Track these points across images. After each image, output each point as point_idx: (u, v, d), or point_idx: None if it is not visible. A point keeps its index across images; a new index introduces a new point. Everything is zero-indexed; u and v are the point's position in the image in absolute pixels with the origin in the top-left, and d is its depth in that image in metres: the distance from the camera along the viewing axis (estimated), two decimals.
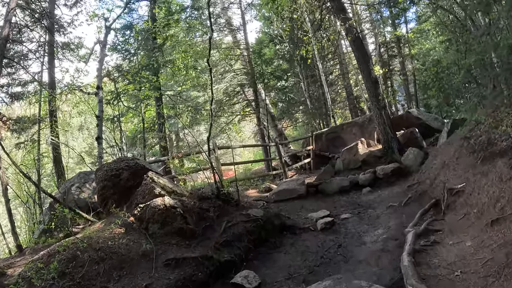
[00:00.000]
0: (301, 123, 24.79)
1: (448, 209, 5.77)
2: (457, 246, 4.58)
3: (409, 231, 5.23)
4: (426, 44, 25.30)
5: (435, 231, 5.22)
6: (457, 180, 6.06)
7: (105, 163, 9.21)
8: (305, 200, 10.12)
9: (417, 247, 4.79)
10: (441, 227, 5.31)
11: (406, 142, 12.95)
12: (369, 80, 12.84)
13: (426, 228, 5.27)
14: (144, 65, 13.70)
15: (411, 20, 24.99)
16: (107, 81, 14.71)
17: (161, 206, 6.70)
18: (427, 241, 4.93)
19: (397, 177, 10.11)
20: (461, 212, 5.38)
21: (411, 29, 23.72)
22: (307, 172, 15.01)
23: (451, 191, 5.89)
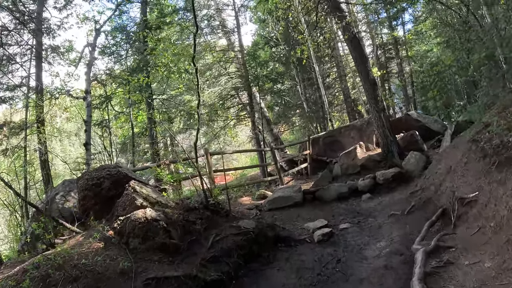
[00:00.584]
0: (298, 127, 24.13)
1: (459, 221, 5.10)
2: (475, 268, 3.90)
3: (417, 249, 4.55)
4: (423, 46, 24.83)
5: (447, 248, 4.53)
6: (468, 188, 5.38)
7: (86, 171, 8.52)
8: (302, 208, 9.45)
9: (428, 269, 4.12)
10: (453, 243, 4.62)
11: (406, 145, 12.29)
12: (367, 82, 12.19)
13: (436, 245, 4.57)
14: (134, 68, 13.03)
15: (408, 21, 24.45)
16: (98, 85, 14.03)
17: (142, 219, 6.03)
18: (439, 261, 4.25)
19: (398, 182, 9.44)
20: (474, 225, 4.70)
21: (409, 30, 23.19)
22: (304, 178, 14.32)
23: (462, 200, 5.20)
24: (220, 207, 7.12)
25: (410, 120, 14.92)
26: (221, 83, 16.45)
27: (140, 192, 6.75)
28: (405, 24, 23.31)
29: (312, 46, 14.40)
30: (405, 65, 22.99)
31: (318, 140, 15.23)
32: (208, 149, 10.62)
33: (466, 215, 5.02)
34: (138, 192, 6.74)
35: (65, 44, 14.80)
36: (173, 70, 14.71)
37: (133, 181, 7.03)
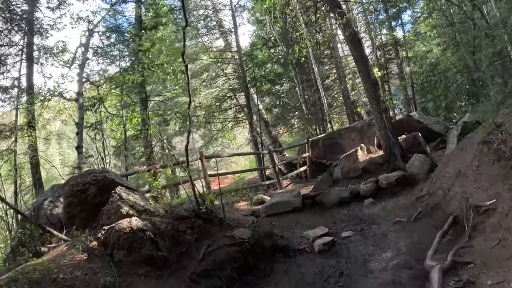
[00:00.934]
0: (297, 129, 23.57)
1: (475, 232, 4.56)
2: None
3: (432, 266, 4.00)
4: (423, 46, 24.38)
5: (465, 264, 3.98)
6: (483, 194, 4.85)
7: (72, 176, 7.98)
8: (301, 213, 8.90)
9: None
10: (471, 258, 4.08)
11: (409, 147, 11.77)
12: (368, 82, 11.68)
13: (453, 261, 4.02)
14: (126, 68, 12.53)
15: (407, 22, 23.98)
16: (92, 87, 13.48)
17: (127, 230, 5.50)
18: (458, 281, 3.69)
19: (402, 186, 8.90)
20: (494, 237, 4.18)
21: (408, 31, 22.72)
22: (303, 181, 13.78)
23: (478, 208, 4.67)
24: (213, 215, 6.58)
25: (412, 122, 14.42)
26: (218, 84, 15.93)
27: (126, 200, 6.21)
28: (404, 25, 22.87)
29: (311, 44, 13.78)
30: (405, 66, 22.49)
31: (318, 143, 14.69)
32: (204, 152, 10.08)
33: (482, 225, 4.49)
34: (125, 199, 6.21)
35: (58, 44, 14.26)
36: (168, 71, 14.23)
37: (120, 188, 6.49)
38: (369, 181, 9.43)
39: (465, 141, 7.27)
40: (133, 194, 6.63)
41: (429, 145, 12.89)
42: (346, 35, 11.47)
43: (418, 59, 22.87)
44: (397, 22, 22.06)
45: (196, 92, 15.18)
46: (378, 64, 21.72)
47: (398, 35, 22.33)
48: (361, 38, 21.83)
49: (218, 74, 16.38)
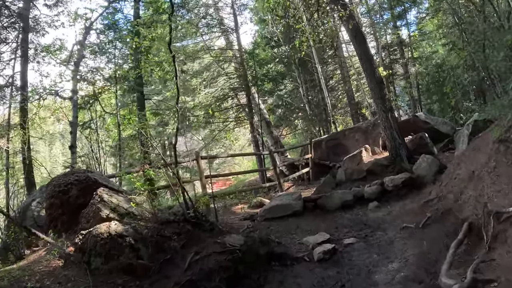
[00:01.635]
0: (300, 130, 22.90)
1: (495, 242, 3.92)
2: None
3: (449, 286, 3.34)
4: (428, 47, 23.69)
5: (487, 283, 3.31)
6: (504, 199, 4.22)
7: (55, 176, 7.43)
8: (302, 217, 8.27)
9: None
10: (494, 275, 3.42)
11: (415, 148, 11.14)
12: (373, 80, 11.04)
13: (473, 279, 3.35)
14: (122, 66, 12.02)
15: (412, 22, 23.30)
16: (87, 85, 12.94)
17: (105, 235, 4.95)
18: None
19: (409, 189, 8.25)
20: None
21: (413, 31, 22.03)
22: (306, 183, 13.13)
23: (499, 215, 4.02)
24: (203, 220, 5.99)
25: (418, 122, 13.75)
26: (219, 83, 15.34)
27: (108, 202, 5.64)
28: (410, 25, 22.19)
29: (314, 43, 13.12)
30: (410, 66, 21.81)
31: (321, 143, 14.03)
32: (206, 153, 9.47)
33: (504, 234, 3.84)
34: (106, 201, 5.65)
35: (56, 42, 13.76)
36: (167, 70, 13.66)
37: (102, 189, 5.93)
38: (374, 183, 8.79)
39: (477, 140, 6.61)
40: (117, 195, 6.06)
41: (436, 146, 12.24)
42: (350, 28, 10.81)
43: (423, 60, 22.18)
44: (402, 21, 21.40)
45: (196, 92, 14.62)
46: (383, 65, 21.06)
47: (403, 35, 21.70)
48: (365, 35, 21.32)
49: (219, 73, 15.78)
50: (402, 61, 21.16)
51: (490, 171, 4.87)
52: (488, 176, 4.87)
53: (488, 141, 5.64)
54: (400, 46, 21.17)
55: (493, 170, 4.88)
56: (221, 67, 15.75)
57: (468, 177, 5.52)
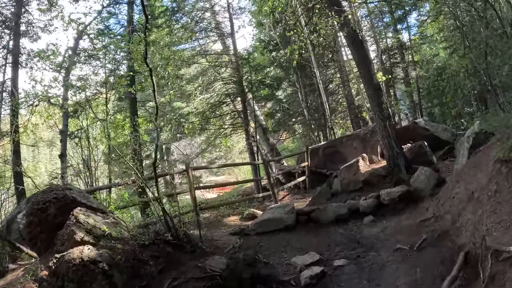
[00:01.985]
0: (299, 135, 22.49)
1: (492, 284, 3.51)
2: None
3: None
4: (429, 50, 23.27)
5: None
6: (503, 233, 3.83)
7: (35, 193, 7.12)
8: (294, 232, 7.94)
9: None
10: None
11: (414, 157, 10.77)
12: (370, 87, 10.71)
13: None
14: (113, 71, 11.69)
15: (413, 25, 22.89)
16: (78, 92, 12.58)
17: (77, 260, 4.62)
18: None
19: (406, 203, 7.86)
20: None
21: (414, 34, 21.60)
22: (302, 192, 12.78)
23: (497, 253, 3.61)
24: (185, 240, 5.63)
25: (417, 129, 13.37)
26: (215, 89, 14.97)
27: (84, 223, 5.31)
28: (410, 28, 21.78)
29: (311, 42, 12.67)
30: (410, 70, 21.40)
31: (318, 151, 13.65)
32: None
33: (503, 276, 3.43)
34: (82, 223, 5.31)
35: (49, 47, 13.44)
36: (162, 75, 13.36)
37: (79, 209, 5.60)
38: (369, 196, 8.42)
39: (478, 155, 6.23)
40: (95, 215, 5.73)
41: (436, 154, 11.87)
42: (345, 35, 10.49)
43: (424, 63, 21.78)
44: (403, 25, 21.00)
45: (191, 98, 14.28)
46: (383, 69, 20.68)
47: (404, 38, 21.29)
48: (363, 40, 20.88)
49: (215, 78, 15.41)
50: (402, 65, 20.74)
51: (490, 195, 4.50)
52: (488, 201, 4.50)
53: (489, 158, 5.27)
54: (400, 50, 20.77)
55: (494, 195, 4.50)
56: (218, 72, 15.38)
57: (467, 198, 5.15)
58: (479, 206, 4.70)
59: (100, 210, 6.24)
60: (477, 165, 5.68)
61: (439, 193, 6.72)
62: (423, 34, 21.57)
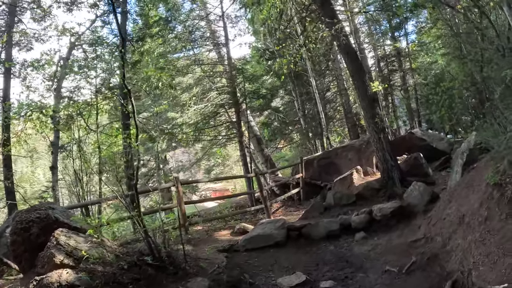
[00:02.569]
0: (296, 144, 22.29)
1: None
2: None
3: None
4: (427, 57, 23.19)
5: None
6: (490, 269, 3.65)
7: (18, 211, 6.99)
8: (283, 249, 7.83)
9: None
10: None
11: (409, 169, 10.64)
12: (365, 99, 10.60)
13: None
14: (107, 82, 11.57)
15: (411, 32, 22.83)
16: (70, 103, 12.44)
17: (55, 285, 4.51)
18: None
19: (398, 219, 7.72)
20: None
21: (412, 41, 21.54)
22: (296, 204, 12.59)
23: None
24: (168, 262, 5.47)
25: (413, 139, 13.27)
26: (209, 99, 14.80)
27: (64, 245, 5.17)
28: (408, 35, 21.73)
29: (304, 46, 12.50)
30: (408, 77, 21.31)
31: (312, 162, 13.48)
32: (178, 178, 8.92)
33: None
34: (62, 245, 5.17)
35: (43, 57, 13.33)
36: (155, 86, 13.24)
37: (60, 230, 5.44)
38: (362, 211, 8.27)
39: (471, 174, 6.08)
40: (77, 236, 5.58)
41: (432, 164, 11.76)
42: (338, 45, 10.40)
43: (422, 70, 21.71)
44: (400, 32, 20.90)
45: (184, 108, 14.13)
46: (381, 76, 20.59)
47: (402, 45, 21.19)
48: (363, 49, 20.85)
49: (210, 88, 15.24)
50: (400, 73, 20.65)
51: (481, 221, 4.35)
52: (478, 227, 4.35)
53: (482, 177, 5.13)
54: (398, 57, 20.68)
55: (484, 221, 4.34)
56: (212, 81, 15.22)
57: (458, 221, 5.00)
58: (469, 232, 4.55)
59: (83, 230, 6.08)
60: (470, 185, 5.54)
61: (431, 212, 6.57)
62: (421, 41, 21.51)
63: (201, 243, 8.78)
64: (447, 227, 5.29)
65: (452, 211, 5.44)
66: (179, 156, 29.07)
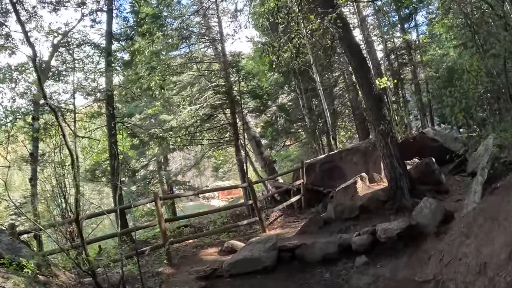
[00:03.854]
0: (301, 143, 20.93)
1: None
2: None
3: None
4: (438, 49, 21.63)
5: None
6: None
7: None
8: (272, 275, 6.75)
9: None
10: None
11: (420, 176, 9.30)
12: (370, 98, 9.26)
13: None
14: None
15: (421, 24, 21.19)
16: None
17: None
18: None
19: (406, 242, 6.47)
20: None
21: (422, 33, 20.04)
22: (296, 213, 11.33)
23: None
24: None
25: (425, 140, 11.89)
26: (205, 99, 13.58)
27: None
28: (418, 27, 20.16)
29: (306, 38, 11.20)
30: (419, 71, 19.77)
31: (314, 167, 12.15)
32: (158, 194, 7.78)
33: None
34: None
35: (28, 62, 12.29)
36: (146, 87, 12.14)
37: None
38: (364, 231, 7.02)
39: (494, 197, 4.80)
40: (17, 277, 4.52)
41: (445, 167, 10.44)
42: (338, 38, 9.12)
43: (434, 63, 20.18)
44: (410, 24, 19.35)
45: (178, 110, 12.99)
46: (391, 70, 19.08)
47: (412, 37, 19.64)
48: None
49: (205, 87, 13.98)
50: (410, 66, 19.13)
51: (508, 280, 3.09)
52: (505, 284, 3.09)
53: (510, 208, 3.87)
54: (408, 50, 19.12)
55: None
56: (208, 80, 13.96)
57: (478, 269, 3.76)
58: None
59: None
60: (494, 216, 4.27)
61: (444, 241, 5.27)
62: (431, 32, 19.98)
63: (184, 264, 7.72)
64: (463, 273, 4.03)
65: (470, 250, 4.18)
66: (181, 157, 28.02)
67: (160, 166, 18.55)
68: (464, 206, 5.81)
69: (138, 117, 14.72)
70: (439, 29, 17.87)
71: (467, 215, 5.13)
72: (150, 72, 11.46)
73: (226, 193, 30.71)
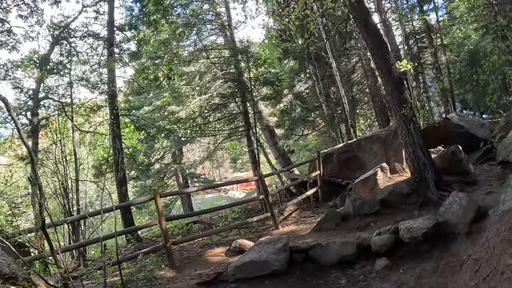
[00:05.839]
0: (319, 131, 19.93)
1: None
2: None
3: None
4: (460, 32, 20.33)
5: None
6: None
7: None
8: (282, 280, 5.98)
9: None
10: None
11: (446, 166, 8.32)
12: (389, 82, 8.25)
13: None
14: None
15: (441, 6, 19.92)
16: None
17: None
18: None
19: (432, 243, 5.59)
20: None
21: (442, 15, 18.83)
22: (313, 207, 10.51)
23: None
24: None
25: (449, 126, 10.80)
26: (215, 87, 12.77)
27: None
28: (438, 9, 18.89)
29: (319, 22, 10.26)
30: (440, 54, 18.50)
31: (332, 157, 11.25)
32: (157, 190, 7.04)
33: None
34: None
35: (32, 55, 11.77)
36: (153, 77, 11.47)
37: None
38: (385, 230, 6.14)
39: None
40: None
41: (472, 156, 9.39)
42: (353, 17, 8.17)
43: (455, 47, 18.95)
44: (429, 5, 18.05)
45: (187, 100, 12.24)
46: (410, 54, 17.85)
47: (432, 20, 18.35)
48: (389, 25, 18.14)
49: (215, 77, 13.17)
50: (430, 50, 17.88)
51: None
52: None
53: None
54: (428, 33, 17.83)
55: None
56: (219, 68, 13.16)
57: None
58: None
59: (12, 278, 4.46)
60: None
61: (480, 253, 4.29)
62: (452, 14, 18.68)
63: (187, 266, 7.05)
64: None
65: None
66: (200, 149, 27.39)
67: (175, 159, 18.01)
68: (501, 202, 4.85)
69: (147, 109, 14.10)
70: (459, 10, 16.80)
71: (507, 215, 4.19)
72: (156, 62, 10.75)
73: (245, 185, 30.01)
